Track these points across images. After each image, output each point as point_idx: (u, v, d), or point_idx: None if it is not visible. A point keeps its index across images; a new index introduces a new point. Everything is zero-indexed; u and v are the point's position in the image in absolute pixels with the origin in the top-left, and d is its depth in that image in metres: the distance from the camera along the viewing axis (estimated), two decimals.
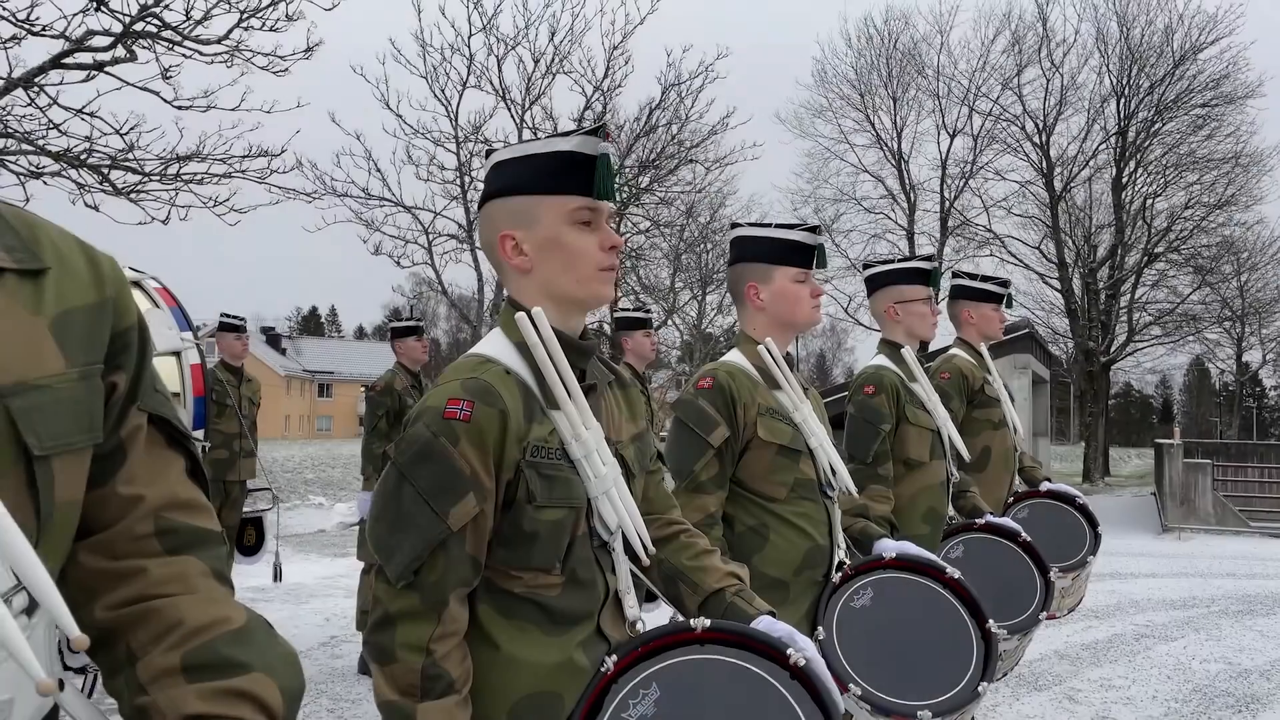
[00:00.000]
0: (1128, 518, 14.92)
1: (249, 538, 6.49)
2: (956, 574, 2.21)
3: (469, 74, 13.43)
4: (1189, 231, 24.05)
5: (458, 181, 13.49)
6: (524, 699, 1.40)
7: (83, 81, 6.54)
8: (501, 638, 1.40)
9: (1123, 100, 23.95)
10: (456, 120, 13.50)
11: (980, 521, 3.06)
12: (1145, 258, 24.22)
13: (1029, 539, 2.94)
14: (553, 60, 13.85)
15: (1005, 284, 3.71)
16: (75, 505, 0.87)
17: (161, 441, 0.96)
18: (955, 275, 3.79)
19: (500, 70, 13.71)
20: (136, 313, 0.94)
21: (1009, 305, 3.71)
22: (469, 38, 13.29)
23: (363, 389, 5.97)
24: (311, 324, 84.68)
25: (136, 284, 3.78)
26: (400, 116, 13.02)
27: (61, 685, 0.83)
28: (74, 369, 0.85)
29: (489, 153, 1.57)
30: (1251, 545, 12.95)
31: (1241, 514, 14.88)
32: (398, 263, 13.46)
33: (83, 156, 6.78)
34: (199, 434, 3.82)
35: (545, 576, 1.42)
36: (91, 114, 6.69)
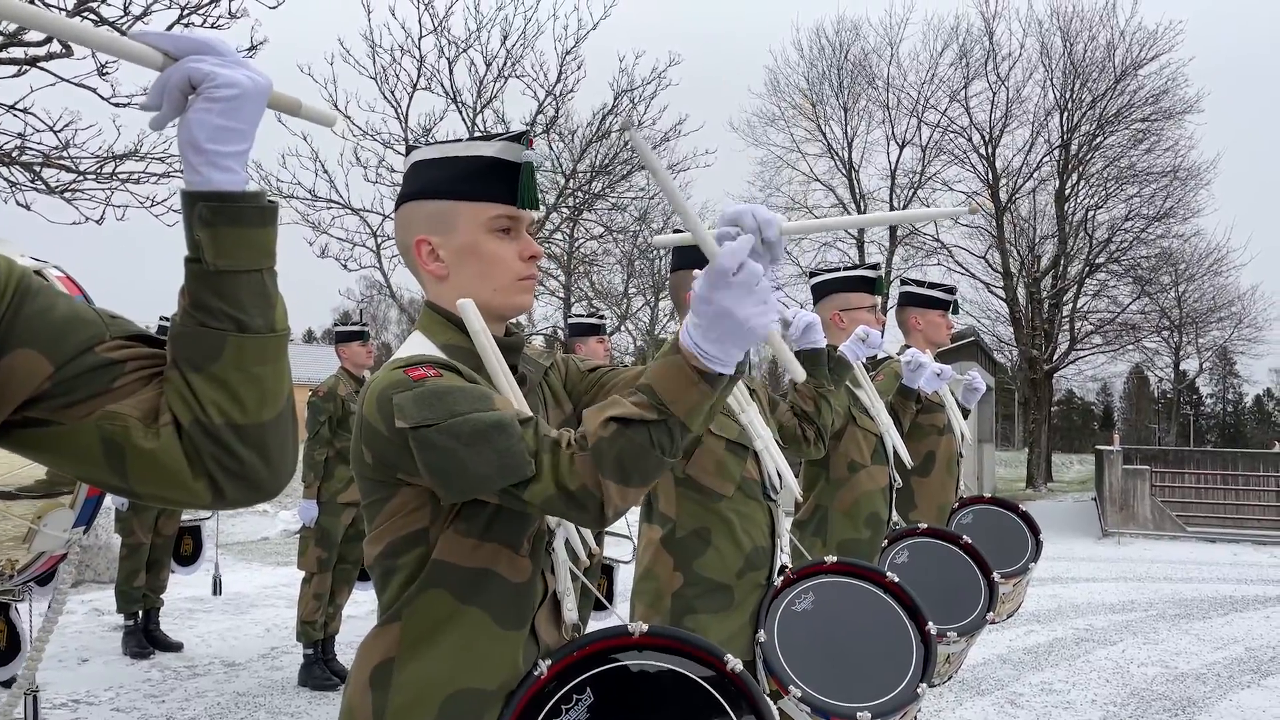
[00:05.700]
0: (1069, 522, 15.22)
1: (186, 547, 6.33)
2: (895, 578, 2.23)
3: (419, 76, 13.32)
4: (1129, 243, 24.67)
5: None
6: (457, 694, 1.35)
7: (15, 77, 6.33)
8: (446, 628, 1.36)
9: (1066, 114, 24.50)
10: (406, 122, 13.38)
11: (923, 526, 3.09)
12: (1087, 268, 24.79)
13: (970, 541, 2.97)
14: (505, 64, 13.81)
15: (951, 291, 3.76)
16: None
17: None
18: (903, 283, 3.82)
19: (451, 73, 13.63)
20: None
21: (955, 312, 3.75)
22: (419, 39, 13.19)
23: (310, 394, 5.84)
24: None
25: (38, 273, 3.66)
26: (349, 118, 12.86)
27: None
28: None
29: (410, 149, 1.51)
30: (1188, 550, 13.27)
31: (1178, 519, 15.25)
32: (345, 266, 13.30)
33: (14, 154, 6.57)
34: None
35: (510, 553, 1.38)
36: (25, 110, 6.48)
